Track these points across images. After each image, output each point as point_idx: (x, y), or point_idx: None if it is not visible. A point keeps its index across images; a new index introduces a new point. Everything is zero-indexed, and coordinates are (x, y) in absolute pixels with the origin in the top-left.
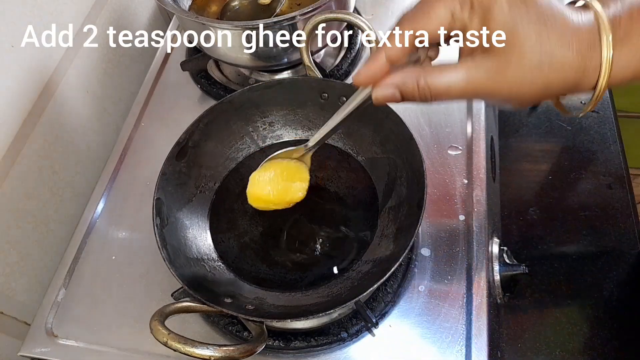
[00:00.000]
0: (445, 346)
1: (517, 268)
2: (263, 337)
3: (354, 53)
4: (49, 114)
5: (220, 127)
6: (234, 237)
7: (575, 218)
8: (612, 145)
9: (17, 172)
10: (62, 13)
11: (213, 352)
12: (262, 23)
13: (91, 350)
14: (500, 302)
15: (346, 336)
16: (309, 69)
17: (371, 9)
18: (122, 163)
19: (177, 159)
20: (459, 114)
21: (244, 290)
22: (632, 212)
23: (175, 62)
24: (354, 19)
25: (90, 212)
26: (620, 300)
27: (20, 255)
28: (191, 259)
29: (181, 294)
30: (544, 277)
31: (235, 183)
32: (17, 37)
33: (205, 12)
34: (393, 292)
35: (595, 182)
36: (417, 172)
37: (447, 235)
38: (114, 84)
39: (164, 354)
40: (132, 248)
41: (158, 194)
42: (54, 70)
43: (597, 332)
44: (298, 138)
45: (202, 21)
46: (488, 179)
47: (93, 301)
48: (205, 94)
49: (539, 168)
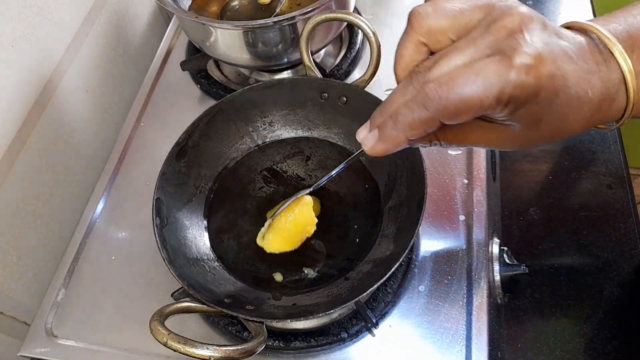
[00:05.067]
0: (446, 346)
1: (517, 268)
2: (263, 338)
3: (354, 53)
4: (49, 114)
5: (220, 127)
6: (234, 237)
7: (575, 218)
8: (612, 145)
9: (17, 172)
10: (62, 13)
11: (213, 353)
12: (262, 23)
13: (91, 350)
14: (500, 302)
15: (346, 336)
16: (308, 68)
17: (371, 9)
18: (122, 163)
19: (177, 159)
20: None
21: (244, 291)
22: (632, 212)
23: (175, 61)
24: (354, 19)
25: (90, 212)
26: (620, 300)
27: (20, 255)
28: (191, 259)
29: (181, 294)
30: (544, 277)
31: (235, 183)
32: (17, 37)
33: (205, 12)
34: (393, 292)
35: (596, 182)
36: (417, 172)
37: (447, 236)
38: (113, 83)
39: (163, 354)
40: (132, 248)
41: (158, 194)
42: (54, 70)
43: (598, 332)
44: (298, 137)
45: (202, 21)
46: (488, 179)
47: (93, 301)
48: (205, 93)
49: (539, 168)
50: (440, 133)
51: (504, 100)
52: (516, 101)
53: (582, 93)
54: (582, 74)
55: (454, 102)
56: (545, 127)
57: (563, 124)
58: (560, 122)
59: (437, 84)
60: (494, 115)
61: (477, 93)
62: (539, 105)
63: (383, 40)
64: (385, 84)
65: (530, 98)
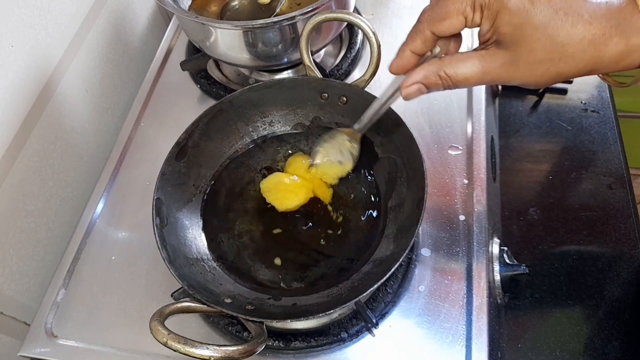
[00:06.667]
0: (446, 346)
1: (517, 268)
2: (263, 338)
3: (353, 53)
4: (49, 114)
5: (220, 127)
6: (234, 237)
7: (575, 218)
8: (612, 146)
9: (17, 172)
10: (62, 13)
11: (213, 353)
12: (262, 23)
13: (91, 350)
14: (500, 302)
15: (346, 336)
16: (308, 68)
17: (371, 9)
18: (122, 163)
19: (177, 159)
20: (459, 113)
21: (244, 291)
22: (632, 212)
23: (175, 61)
24: (354, 18)
25: (90, 212)
26: (620, 300)
27: (20, 256)
28: (191, 259)
29: (181, 294)
30: (544, 277)
31: (235, 183)
32: (16, 37)
33: (205, 12)
34: (393, 292)
35: (596, 182)
36: (417, 172)
37: (447, 236)
38: (113, 83)
39: (163, 354)
40: (132, 248)
41: (158, 194)
42: (54, 70)
43: (598, 332)
44: (298, 137)
45: (202, 21)
46: (488, 179)
47: (93, 301)
48: (205, 93)
49: (540, 168)
50: (446, 61)
51: (477, 4)
52: (488, 6)
53: (556, 43)
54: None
55: (440, 12)
56: (528, 49)
57: (534, 64)
58: (530, 62)
59: (431, 8)
60: (481, 31)
61: (457, 3)
62: (510, 14)
63: (383, 40)
64: (385, 84)
65: (499, 3)
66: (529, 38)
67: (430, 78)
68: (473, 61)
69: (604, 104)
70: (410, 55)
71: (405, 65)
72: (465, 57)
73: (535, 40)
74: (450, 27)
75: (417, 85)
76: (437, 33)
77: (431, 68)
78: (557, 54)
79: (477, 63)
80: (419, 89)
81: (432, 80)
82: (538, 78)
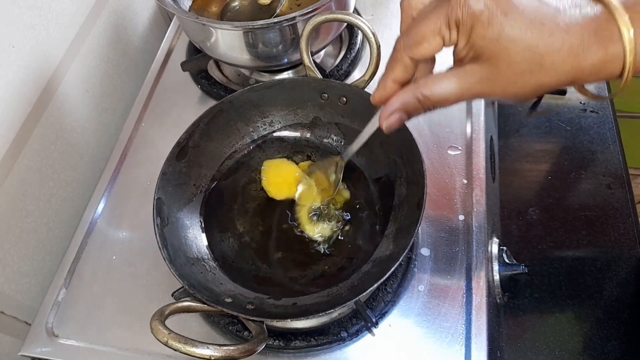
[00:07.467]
0: (445, 346)
1: (516, 268)
2: (263, 337)
3: (353, 53)
4: (50, 114)
5: (221, 127)
6: (234, 237)
7: (575, 218)
8: (611, 146)
9: (18, 172)
10: (62, 13)
11: (213, 352)
12: (263, 23)
13: (91, 350)
14: (500, 301)
15: (346, 336)
16: (309, 69)
17: (371, 9)
18: (123, 163)
19: (178, 159)
20: (458, 114)
21: (244, 290)
22: (631, 212)
23: (175, 62)
24: (354, 19)
25: (90, 212)
26: (620, 300)
27: (20, 255)
28: (191, 258)
29: (181, 294)
30: (544, 277)
31: (235, 183)
32: (17, 37)
33: (205, 12)
34: (393, 291)
35: (595, 182)
36: (417, 172)
37: (447, 235)
38: (114, 84)
39: (164, 353)
40: (133, 248)
41: (158, 194)
42: (55, 70)
43: (597, 332)
44: (298, 137)
45: (202, 21)
46: (488, 179)
47: (93, 301)
48: (206, 94)
49: (539, 168)
50: (421, 84)
51: (452, 22)
52: (463, 23)
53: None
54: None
55: (416, 36)
56: (507, 62)
57: (513, 77)
58: (509, 74)
59: (405, 34)
60: (457, 48)
61: (430, 25)
62: (485, 28)
63: (383, 40)
64: None
65: (473, 18)
66: (507, 50)
67: (409, 103)
68: (450, 79)
69: (603, 104)
70: (392, 85)
71: (389, 96)
72: (441, 76)
73: (513, 52)
74: (428, 50)
75: (396, 115)
76: (416, 57)
77: (407, 94)
78: (537, 65)
79: (453, 80)
80: (399, 118)
81: (411, 105)
82: (518, 90)
